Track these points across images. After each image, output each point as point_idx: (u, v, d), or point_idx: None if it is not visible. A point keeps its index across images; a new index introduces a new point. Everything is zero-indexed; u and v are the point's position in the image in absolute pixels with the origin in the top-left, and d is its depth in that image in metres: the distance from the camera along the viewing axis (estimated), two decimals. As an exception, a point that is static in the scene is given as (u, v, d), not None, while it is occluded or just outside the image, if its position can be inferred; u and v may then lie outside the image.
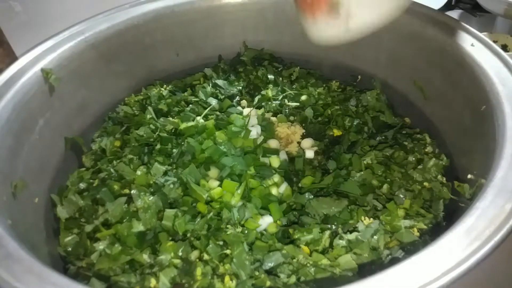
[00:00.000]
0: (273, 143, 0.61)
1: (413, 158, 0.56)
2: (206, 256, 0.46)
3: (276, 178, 0.55)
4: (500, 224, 0.33)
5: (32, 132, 0.53)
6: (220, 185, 0.53)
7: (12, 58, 0.59)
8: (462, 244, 0.32)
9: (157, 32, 0.68)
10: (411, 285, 0.30)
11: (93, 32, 0.61)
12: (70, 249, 0.50)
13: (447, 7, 1.16)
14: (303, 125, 0.66)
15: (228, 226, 0.49)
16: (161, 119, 0.63)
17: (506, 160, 0.39)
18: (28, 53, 0.56)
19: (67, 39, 0.59)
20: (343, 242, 0.46)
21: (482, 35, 0.54)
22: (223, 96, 0.70)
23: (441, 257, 0.31)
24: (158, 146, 0.58)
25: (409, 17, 0.62)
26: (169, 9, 0.68)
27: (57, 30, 0.60)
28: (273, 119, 0.67)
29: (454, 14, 1.17)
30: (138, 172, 0.54)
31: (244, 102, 0.71)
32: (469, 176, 0.47)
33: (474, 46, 0.53)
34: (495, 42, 0.98)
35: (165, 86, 0.71)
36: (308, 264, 0.44)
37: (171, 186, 0.53)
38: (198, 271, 0.45)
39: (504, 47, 0.98)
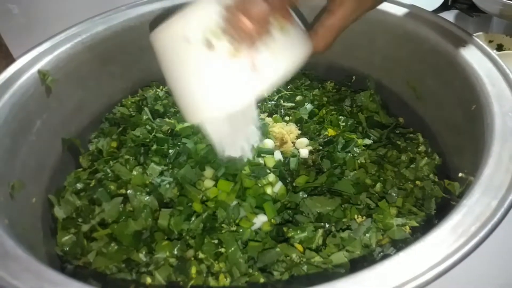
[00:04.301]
0: (268, 143, 0.62)
1: (406, 157, 0.57)
2: (201, 255, 0.47)
3: (271, 177, 0.56)
4: (485, 221, 0.34)
5: (30, 133, 0.54)
6: (215, 185, 0.54)
7: (9, 60, 0.60)
8: (449, 240, 0.33)
9: (153, 33, 0.69)
10: (398, 280, 0.30)
11: (89, 34, 0.62)
12: (67, 248, 0.50)
13: (444, 7, 1.16)
14: (298, 125, 0.66)
15: (223, 225, 0.50)
16: (158, 120, 0.64)
17: (493, 158, 0.39)
18: (25, 55, 0.57)
19: (64, 41, 0.60)
20: (336, 240, 0.47)
21: (473, 35, 0.55)
22: (219, 97, 0.71)
23: (427, 252, 0.32)
24: (154, 147, 0.59)
25: (403, 18, 0.63)
26: (165, 11, 0.68)
27: (54, 32, 0.61)
28: (268, 119, 0.67)
29: (451, 14, 1.17)
30: (134, 173, 0.55)
31: (240, 103, 0.71)
32: (460, 174, 0.48)
33: (465, 46, 0.54)
34: (491, 42, 0.99)
35: (161, 87, 0.72)
36: (301, 262, 0.45)
37: (167, 186, 0.54)
38: (193, 270, 0.46)
39: (500, 47, 0.99)
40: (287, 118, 0.68)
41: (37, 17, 0.84)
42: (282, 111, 0.69)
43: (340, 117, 0.65)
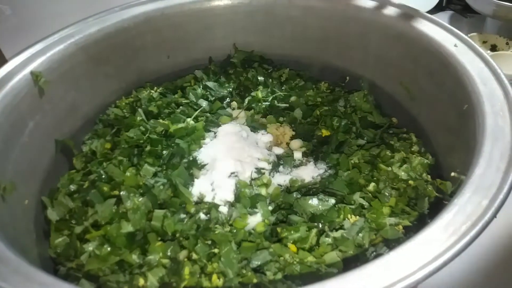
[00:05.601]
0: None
1: (399, 157, 0.57)
2: (194, 256, 0.47)
3: (265, 178, 0.56)
4: (476, 220, 0.34)
5: (22, 134, 0.54)
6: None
7: (1, 61, 0.60)
8: (440, 239, 0.33)
9: (147, 34, 0.69)
10: (389, 279, 0.30)
11: (83, 35, 0.62)
12: (60, 250, 0.50)
13: (438, 8, 1.17)
14: (292, 125, 0.66)
15: (216, 225, 0.50)
16: (151, 121, 0.63)
17: (484, 158, 0.40)
18: (17, 56, 0.57)
19: (57, 42, 0.60)
20: (329, 240, 0.47)
21: (465, 36, 0.56)
22: (214, 98, 0.71)
23: (418, 252, 0.32)
24: (148, 148, 0.58)
25: (395, 18, 0.63)
26: (159, 12, 0.68)
27: (47, 33, 0.60)
28: (263, 120, 0.67)
29: (445, 15, 1.18)
30: (128, 174, 0.54)
31: (234, 104, 0.71)
32: (452, 174, 0.48)
33: (457, 46, 0.54)
34: (485, 42, 1.00)
35: (155, 88, 0.71)
36: (294, 262, 0.45)
37: (161, 187, 0.54)
38: (186, 270, 0.45)
39: (494, 47, 0.99)
40: (281, 119, 0.68)
41: (30, 18, 0.84)
42: (277, 112, 0.69)
43: (334, 117, 0.66)
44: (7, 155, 0.51)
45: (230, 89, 0.73)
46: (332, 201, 0.51)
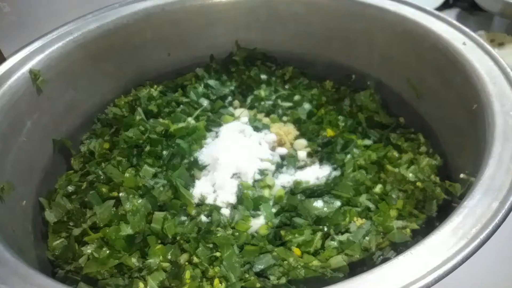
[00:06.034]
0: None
1: (407, 158, 0.56)
2: (195, 259, 0.46)
3: (269, 180, 0.55)
4: (486, 222, 0.33)
5: (20, 133, 0.53)
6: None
7: (0, 59, 0.59)
8: (449, 243, 0.32)
9: (147, 31, 0.67)
10: (397, 284, 0.29)
11: (81, 32, 0.61)
12: (58, 253, 0.49)
13: (445, 6, 1.15)
14: (296, 125, 0.65)
15: (218, 228, 0.49)
16: (151, 120, 0.62)
17: (495, 159, 0.38)
18: (16, 54, 0.56)
19: (55, 40, 0.59)
20: (334, 243, 0.46)
21: (474, 33, 0.54)
22: (215, 97, 0.69)
23: (427, 256, 0.31)
24: (148, 148, 0.57)
25: (402, 16, 0.61)
26: (160, 8, 0.67)
27: (45, 31, 0.59)
28: (266, 119, 0.66)
29: (452, 13, 1.16)
30: (127, 175, 0.53)
31: (236, 103, 0.70)
32: (461, 175, 0.47)
33: (466, 44, 0.53)
34: (492, 40, 0.98)
35: (155, 86, 0.70)
36: (299, 266, 0.44)
37: (161, 188, 0.52)
38: (187, 274, 0.44)
39: (501, 46, 0.98)
40: (284, 118, 0.66)
41: (29, 16, 0.83)
42: (280, 111, 0.68)
43: (340, 117, 0.64)
44: (5, 154, 0.50)
45: (232, 88, 0.71)
46: (338, 203, 0.50)
